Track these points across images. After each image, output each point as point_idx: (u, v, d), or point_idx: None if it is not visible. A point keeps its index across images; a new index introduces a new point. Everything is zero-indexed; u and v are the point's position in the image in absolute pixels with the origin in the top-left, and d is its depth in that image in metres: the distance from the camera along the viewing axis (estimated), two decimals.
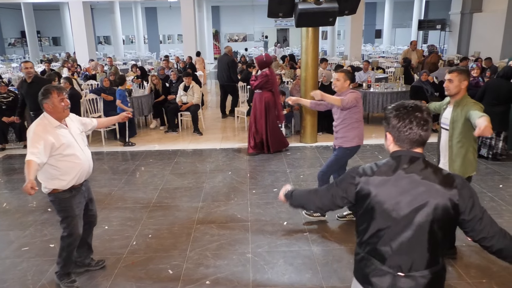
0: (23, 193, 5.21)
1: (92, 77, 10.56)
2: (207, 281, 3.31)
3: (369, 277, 1.66)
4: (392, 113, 1.63)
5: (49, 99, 2.94)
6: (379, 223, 1.62)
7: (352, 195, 1.69)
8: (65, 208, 3.06)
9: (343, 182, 1.73)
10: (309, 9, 5.77)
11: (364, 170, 1.68)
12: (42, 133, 2.87)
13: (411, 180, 1.58)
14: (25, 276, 3.43)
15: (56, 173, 2.97)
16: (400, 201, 1.57)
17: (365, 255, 1.68)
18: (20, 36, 26.42)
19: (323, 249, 3.74)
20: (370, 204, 1.62)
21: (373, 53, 21.48)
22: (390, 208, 1.59)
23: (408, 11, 26.01)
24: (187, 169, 6.01)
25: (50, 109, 2.95)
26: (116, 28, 21.47)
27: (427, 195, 1.55)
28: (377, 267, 1.64)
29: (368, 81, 8.58)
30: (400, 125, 1.60)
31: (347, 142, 4.06)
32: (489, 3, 14.93)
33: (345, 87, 4.02)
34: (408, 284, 1.59)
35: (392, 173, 1.62)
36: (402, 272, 1.60)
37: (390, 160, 1.68)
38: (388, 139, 1.68)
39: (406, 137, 1.61)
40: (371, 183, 1.63)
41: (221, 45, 29.28)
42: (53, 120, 2.96)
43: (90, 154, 3.20)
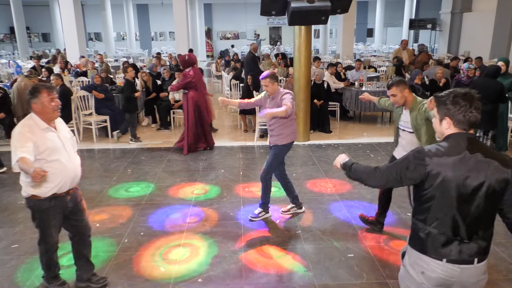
0: (13, 190, 5.18)
1: (83, 74, 10.45)
2: (199, 279, 3.31)
3: (438, 248, 1.85)
4: (451, 100, 1.83)
5: (37, 99, 2.72)
6: (449, 200, 1.80)
7: (421, 175, 1.83)
8: (41, 218, 2.86)
9: (411, 162, 1.86)
10: (302, 7, 5.78)
11: (432, 152, 1.83)
12: (28, 133, 2.66)
13: (476, 159, 1.79)
14: (14, 273, 3.40)
15: None
16: (468, 177, 1.78)
17: (433, 230, 1.86)
18: (9, 32, 26.03)
19: (315, 247, 3.76)
20: (441, 182, 1.80)
21: (365, 52, 21.59)
22: (460, 184, 1.78)
23: (399, 10, 26.17)
24: (179, 167, 5.99)
25: (38, 110, 2.73)
26: (107, 24, 21.29)
27: (490, 171, 1.78)
28: (446, 238, 1.84)
29: (360, 80, 8.63)
30: (462, 109, 1.80)
31: (282, 139, 4.12)
32: (479, 3, 15.09)
33: (275, 89, 4.06)
34: (472, 249, 1.84)
35: (459, 153, 1.80)
36: (468, 239, 1.83)
37: (451, 141, 1.85)
38: (447, 123, 1.86)
39: (467, 120, 1.81)
40: (441, 163, 1.80)
41: (213, 42, 29.19)
42: (40, 121, 2.74)
43: (78, 161, 2.97)
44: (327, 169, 5.76)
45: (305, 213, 4.40)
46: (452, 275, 1.86)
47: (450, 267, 1.85)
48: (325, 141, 7.17)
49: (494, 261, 3.47)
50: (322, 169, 5.78)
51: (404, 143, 3.61)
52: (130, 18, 25.53)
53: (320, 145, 6.98)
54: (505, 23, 13.25)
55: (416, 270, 1.93)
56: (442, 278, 1.87)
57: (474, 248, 1.84)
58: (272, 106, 4.07)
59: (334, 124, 8.26)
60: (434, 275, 1.87)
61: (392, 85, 3.42)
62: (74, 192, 2.99)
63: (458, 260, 1.83)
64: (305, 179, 5.40)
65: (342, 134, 7.70)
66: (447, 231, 1.83)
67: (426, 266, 1.89)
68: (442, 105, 1.87)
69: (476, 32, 14.90)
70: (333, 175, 5.49)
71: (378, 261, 3.52)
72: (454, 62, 9.84)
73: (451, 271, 1.85)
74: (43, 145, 2.68)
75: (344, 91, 8.51)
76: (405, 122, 3.53)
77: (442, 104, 1.87)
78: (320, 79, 8.06)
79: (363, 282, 3.24)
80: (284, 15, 6.21)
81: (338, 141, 7.17)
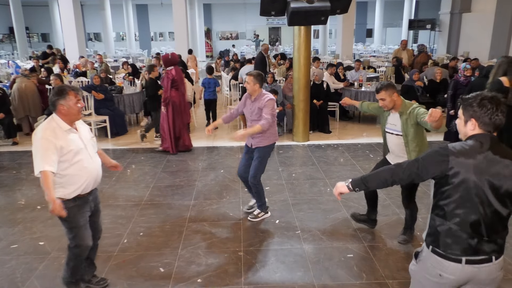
0: (12, 190, 5.18)
1: (83, 74, 10.45)
2: (199, 279, 3.30)
3: (457, 245, 1.90)
4: (478, 102, 1.87)
5: (64, 100, 2.66)
6: (470, 197, 1.85)
7: (443, 171, 1.88)
8: (69, 219, 2.77)
9: (434, 158, 1.91)
10: (302, 7, 5.78)
11: (456, 149, 1.87)
12: (52, 137, 2.59)
13: (498, 159, 1.84)
14: (13, 274, 3.39)
15: (60, 180, 2.70)
16: (490, 177, 1.83)
17: (453, 226, 1.90)
18: (8, 32, 26.01)
19: (315, 247, 3.76)
20: (462, 180, 1.84)
21: (364, 52, 21.60)
22: (481, 183, 1.83)
23: (398, 11, 26.18)
24: (179, 167, 5.99)
25: (64, 111, 2.67)
26: (107, 25, 21.27)
27: (509, 172, 1.83)
28: (467, 235, 1.88)
29: (360, 80, 8.63)
30: (488, 112, 1.85)
31: (265, 141, 4.09)
32: (478, 3, 15.10)
33: (256, 90, 4.02)
34: (491, 247, 1.89)
35: (482, 153, 1.85)
36: (488, 237, 1.88)
37: (475, 141, 1.89)
38: (472, 124, 1.91)
39: (493, 123, 1.87)
40: (464, 162, 1.84)
41: (213, 43, 29.19)
42: (63, 123, 2.68)
43: (99, 161, 2.95)
44: (327, 169, 5.76)
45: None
46: (471, 276, 1.91)
47: (469, 268, 1.90)
48: (324, 141, 7.18)
49: None
50: (322, 169, 5.78)
51: (393, 147, 3.60)
52: (130, 18, 25.51)
53: (319, 145, 6.99)
54: (504, 23, 13.27)
55: (432, 272, 1.97)
56: (461, 279, 1.92)
57: (493, 246, 1.89)
58: (252, 108, 4.06)
59: (333, 125, 8.27)
60: (452, 277, 1.92)
61: (381, 89, 3.39)
62: (94, 192, 2.98)
63: (477, 260, 1.89)
64: (305, 179, 5.41)
65: (341, 134, 7.71)
66: (468, 228, 1.88)
67: (444, 270, 1.93)
68: (468, 107, 1.91)
69: (475, 33, 14.92)
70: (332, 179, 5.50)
71: (377, 261, 3.52)
72: (453, 63, 9.86)
73: (470, 272, 1.90)
74: (67, 147, 2.64)
75: (344, 92, 8.51)
76: (392, 125, 3.52)
77: (468, 106, 1.91)
78: (319, 79, 8.06)
79: (362, 282, 3.25)
80: (283, 15, 6.23)
81: (337, 141, 7.18)
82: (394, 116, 3.49)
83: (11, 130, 7.13)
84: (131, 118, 8.96)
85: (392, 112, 3.50)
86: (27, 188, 5.25)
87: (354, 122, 8.71)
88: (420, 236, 3.77)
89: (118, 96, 8.01)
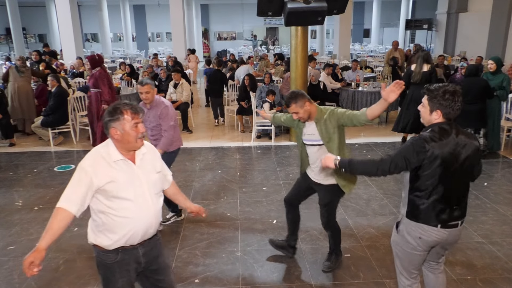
0: (9, 191, 5.17)
1: (80, 75, 10.43)
2: (196, 279, 3.31)
3: (435, 216, 2.24)
4: (441, 95, 2.19)
5: (118, 122, 2.05)
6: (445, 175, 2.19)
7: (422, 159, 2.17)
8: (105, 274, 2.17)
9: (414, 149, 2.18)
10: (298, 8, 5.79)
11: (428, 138, 2.17)
12: (91, 169, 2.02)
13: (461, 141, 2.20)
14: (11, 275, 3.39)
15: (96, 224, 2.12)
16: (458, 155, 2.19)
17: (432, 202, 2.23)
18: (5, 32, 25.94)
19: (312, 247, 3.77)
20: (439, 163, 2.16)
21: (362, 52, 21.65)
22: (453, 161, 2.18)
23: (395, 11, 26.24)
24: (176, 168, 5.99)
25: (117, 136, 2.06)
26: (104, 25, 21.24)
27: (469, 148, 2.21)
28: (442, 207, 2.23)
29: (357, 80, 8.65)
30: (451, 104, 2.18)
31: (172, 147, 4.08)
32: (474, 3, 15.17)
33: (153, 96, 3.90)
34: (459, 214, 2.28)
35: (449, 137, 2.19)
36: (457, 205, 2.26)
37: (440, 128, 2.21)
38: (437, 114, 2.22)
39: (455, 113, 2.20)
40: (437, 146, 2.16)
41: (210, 43, 29.17)
42: (115, 151, 2.08)
43: (159, 204, 2.21)
44: None
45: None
46: (442, 237, 2.27)
47: (442, 231, 2.25)
48: None
49: (490, 260, 3.50)
50: None
51: (314, 159, 3.20)
52: (127, 19, 25.48)
53: None
54: (500, 23, 13.32)
55: (413, 236, 2.30)
56: (435, 240, 2.28)
57: (459, 212, 2.28)
58: (150, 117, 3.95)
59: None
60: (429, 239, 2.27)
61: (290, 103, 3.02)
62: (150, 243, 2.23)
63: (449, 225, 2.26)
64: None
65: None
66: (443, 201, 2.22)
67: (423, 233, 2.27)
68: (434, 99, 2.21)
69: (472, 32, 14.98)
70: None
71: (374, 260, 3.53)
72: (440, 59, 9.87)
73: (442, 234, 2.26)
74: (105, 178, 2.02)
75: (341, 92, 8.53)
76: (310, 135, 3.15)
77: (434, 98, 2.21)
78: (315, 79, 8.07)
79: (359, 282, 3.26)
80: (280, 15, 6.23)
81: None
82: (310, 126, 3.13)
83: (8, 131, 7.11)
84: None
85: (308, 121, 3.13)
86: (24, 189, 5.23)
87: None
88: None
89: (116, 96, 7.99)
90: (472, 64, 6.17)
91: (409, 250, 2.35)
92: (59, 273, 3.40)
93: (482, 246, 3.74)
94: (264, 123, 7.31)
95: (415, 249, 2.32)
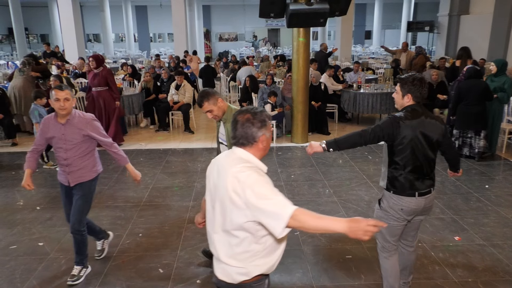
0: (11, 191, 5.18)
1: (82, 75, 10.46)
2: (198, 280, 3.31)
3: (411, 185, 2.61)
4: (411, 81, 2.58)
5: (266, 129, 1.83)
6: (418, 149, 2.56)
7: (396, 134, 2.55)
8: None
9: (391, 124, 2.56)
10: (300, 9, 5.80)
11: (403, 117, 2.56)
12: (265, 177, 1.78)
13: (430, 121, 2.60)
14: (13, 274, 3.40)
15: (258, 249, 1.79)
16: (427, 133, 2.58)
17: (407, 173, 2.60)
18: (7, 33, 26.01)
19: (314, 249, 3.77)
20: (411, 138, 2.54)
21: (363, 54, 21.65)
22: (423, 138, 2.56)
23: (397, 13, 26.28)
24: (178, 168, 6.00)
25: (263, 144, 1.83)
26: (106, 26, 21.29)
27: (437, 127, 2.62)
28: (417, 176, 2.60)
29: (358, 82, 8.66)
30: (419, 88, 2.57)
31: (88, 174, 3.26)
32: (476, 5, 15.16)
33: (71, 107, 3.12)
34: (429, 182, 2.66)
35: (419, 117, 2.57)
36: (428, 175, 2.65)
37: (412, 110, 2.59)
38: (408, 97, 2.61)
39: (422, 95, 2.60)
40: (410, 124, 2.54)
41: (212, 44, 29.22)
42: (261, 163, 1.84)
43: None
44: (325, 171, 5.78)
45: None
46: (419, 205, 2.63)
47: (420, 199, 2.63)
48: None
49: (491, 263, 3.50)
50: (320, 170, 5.80)
51: None
52: (129, 20, 25.54)
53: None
54: (502, 25, 13.31)
55: (395, 209, 2.65)
56: (414, 209, 2.63)
57: (431, 181, 2.68)
58: (66, 135, 3.10)
59: (332, 126, 8.28)
60: (409, 209, 2.63)
61: (201, 102, 2.91)
62: None
63: (423, 192, 2.63)
64: (304, 181, 5.42)
65: (340, 135, 7.70)
66: (416, 172, 2.61)
67: (404, 204, 2.62)
68: (405, 85, 2.61)
69: (474, 35, 14.96)
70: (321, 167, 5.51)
71: (376, 262, 3.53)
72: (442, 61, 9.86)
73: (420, 202, 2.63)
74: None
75: (342, 93, 8.53)
76: (222, 135, 3.11)
77: (405, 84, 2.61)
78: (316, 81, 8.08)
79: (361, 283, 3.26)
80: (282, 17, 6.24)
81: None
82: (222, 126, 3.10)
83: (11, 130, 7.13)
84: (131, 119, 8.96)
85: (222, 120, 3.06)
86: (26, 189, 5.23)
87: (353, 123, 8.72)
88: None
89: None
90: (471, 66, 6.16)
91: (392, 222, 2.68)
92: (61, 273, 3.41)
93: (484, 248, 3.74)
94: None
95: (398, 220, 2.68)
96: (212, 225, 1.90)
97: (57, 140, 3.13)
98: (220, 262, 1.85)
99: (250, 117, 1.80)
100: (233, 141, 1.84)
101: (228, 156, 1.86)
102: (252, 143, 1.80)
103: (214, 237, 1.88)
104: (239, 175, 1.71)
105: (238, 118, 1.82)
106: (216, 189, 1.85)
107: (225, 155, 1.90)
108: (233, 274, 1.81)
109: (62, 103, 3.03)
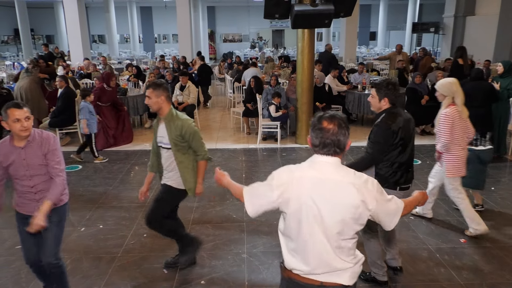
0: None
1: (87, 76, 10.51)
2: (202, 281, 3.31)
3: (395, 180, 2.90)
4: (385, 86, 2.86)
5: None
6: (405, 145, 2.87)
7: (393, 138, 2.83)
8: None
9: (389, 136, 2.83)
10: (305, 10, 5.80)
11: (390, 122, 2.82)
12: None
13: (406, 118, 2.90)
14: (18, 274, 3.42)
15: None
16: (409, 130, 2.89)
17: (395, 169, 2.90)
18: (13, 33, 26.19)
19: None
20: (400, 137, 2.84)
21: (368, 55, 21.59)
22: (407, 135, 2.87)
23: (402, 14, 26.18)
24: None
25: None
26: (111, 27, 21.38)
27: (412, 122, 2.94)
28: (402, 172, 2.91)
29: (363, 83, 8.64)
30: (394, 91, 2.86)
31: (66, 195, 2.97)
32: (482, 6, 15.09)
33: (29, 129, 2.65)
34: (411, 174, 3.01)
35: (400, 117, 2.86)
36: (410, 169, 3.00)
37: (390, 112, 2.87)
38: (384, 101, 2.89)
39: (396, 99, 2.89)
40: (397, 126, 2.82)
41: (216, 45, 29.27)
42: None
43: None
44: None
45: None
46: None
47: (401, 193, 2.85)
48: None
49: (498, 265, 3.47)
50: None
51: (166, 163, 3.20)
52: (134, 21, 25.65)
53: None
54: (508, 26, 13.25)
55: None
56: None
57: (412, 175, 3.00)
58: (28, 159, 2.64)
59: None
60: None
61: (149, 87, 3.06)
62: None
63: (405, 186, 2.94)
64: None
65: None
66: (402, 167, 2.90)
67: None
68: (381, 90, 2.87)
69: (479, 36, 14.90)
70: None
71: None
72: (448, 63, 9.82)
73: (399, 196, 2.50)
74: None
75: (347, 94, 8.52)
76: (161, 137, 3.15)
77: (381, 89, 2.87)
78: (320, 82, 8.06)
79: (363, 285, 3.24)
80: (287, 18, 6.24)
81: None
82: (162, 127, 3.13)
83: None
84: (135, 120, 8.99)
85: (161, 120, 3.14)
86: None
87: (357, 125, 8.70)
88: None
89: (122, 98, 8.04)
90: (476, 68, 6.14)
91: None
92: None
93: (490, 251, 3.71)
94: (270, 125, 7.31)
95: None
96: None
97: (17, 167, 2.63)
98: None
99: (342, 124, 1.76)
100: (321, 150, 1.81)
101: (333, 167, 1.80)
102: (343, 150, 1.79)
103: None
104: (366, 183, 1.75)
105: (327, 126, 1.76)
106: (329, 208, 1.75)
107: (324, 171, 1.80)
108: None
109: (25, 123, 2.55)
